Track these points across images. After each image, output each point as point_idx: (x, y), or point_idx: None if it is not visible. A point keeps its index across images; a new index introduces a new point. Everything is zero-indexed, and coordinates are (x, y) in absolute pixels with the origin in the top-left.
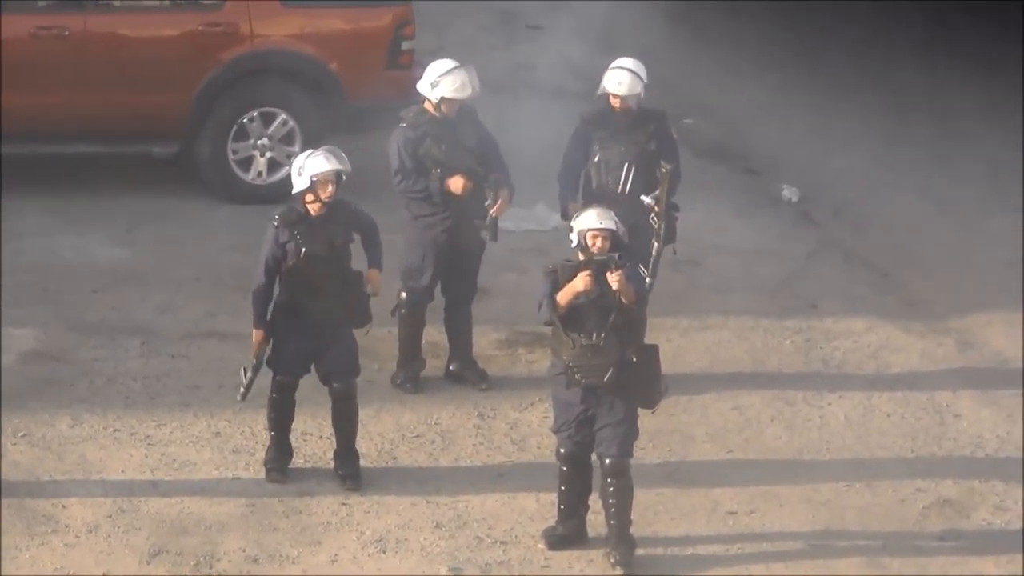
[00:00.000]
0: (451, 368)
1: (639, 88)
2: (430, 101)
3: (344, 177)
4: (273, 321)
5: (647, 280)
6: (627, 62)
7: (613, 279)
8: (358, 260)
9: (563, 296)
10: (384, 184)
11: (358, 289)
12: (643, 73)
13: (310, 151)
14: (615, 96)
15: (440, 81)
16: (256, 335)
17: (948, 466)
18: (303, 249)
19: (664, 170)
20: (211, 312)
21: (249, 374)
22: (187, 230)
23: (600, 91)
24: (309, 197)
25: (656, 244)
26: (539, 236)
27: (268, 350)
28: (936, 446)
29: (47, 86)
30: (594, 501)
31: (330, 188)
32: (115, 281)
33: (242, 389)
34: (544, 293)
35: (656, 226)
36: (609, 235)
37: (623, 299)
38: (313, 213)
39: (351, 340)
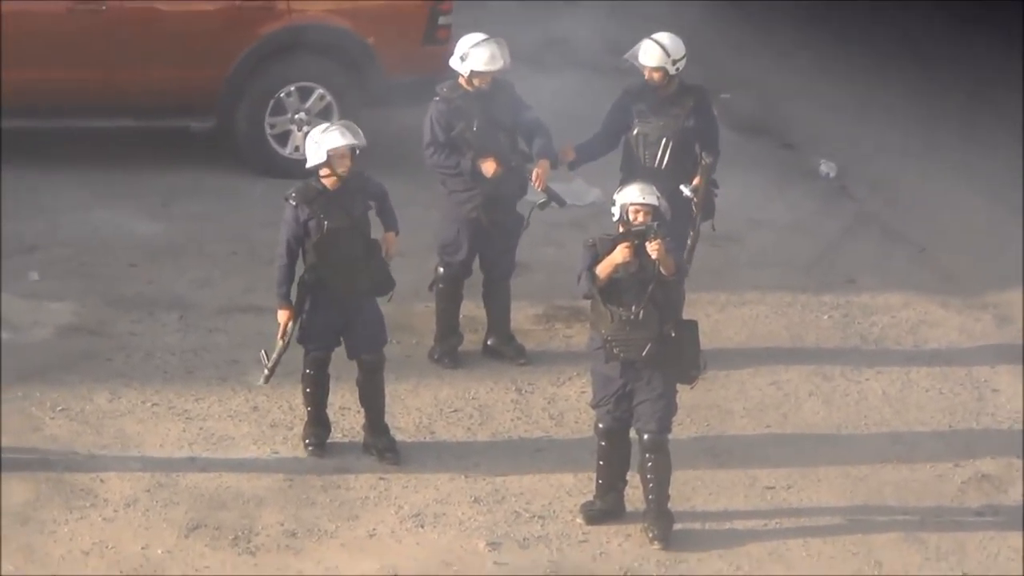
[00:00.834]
0: (489, 343)
1: (665, 62)
2: (463, 76)
3: (358, 151)
4: (299, 298)
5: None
6: (662, 36)
7: (652, 248)
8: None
9: (602, 269)
10: (421, 160)
11: (379, 258)
12: (676, 48)
13: (326, 125)
14: (643, 67)
15: (470, 54)
16: (283, 315)
17: (986, 441)
18: (326, 224)
19: (705, 162)
20: (248, 286)
21: (273, 355)
22: (224, 205)
23: (629, 55)
24: (326, 171)
25: (692, 234)
26: (577, 211)
27: (295, 329)
28: (974, 421)
29: (84, 61)
30: (632, 476)
31: (346, 162)
32: (152, 255)
33: (265, 371)
34: (583, 266)
35: (694, 214)
36: (651, 210)
37: (662, 270)
38: (330, 187)
39: (377, 311)
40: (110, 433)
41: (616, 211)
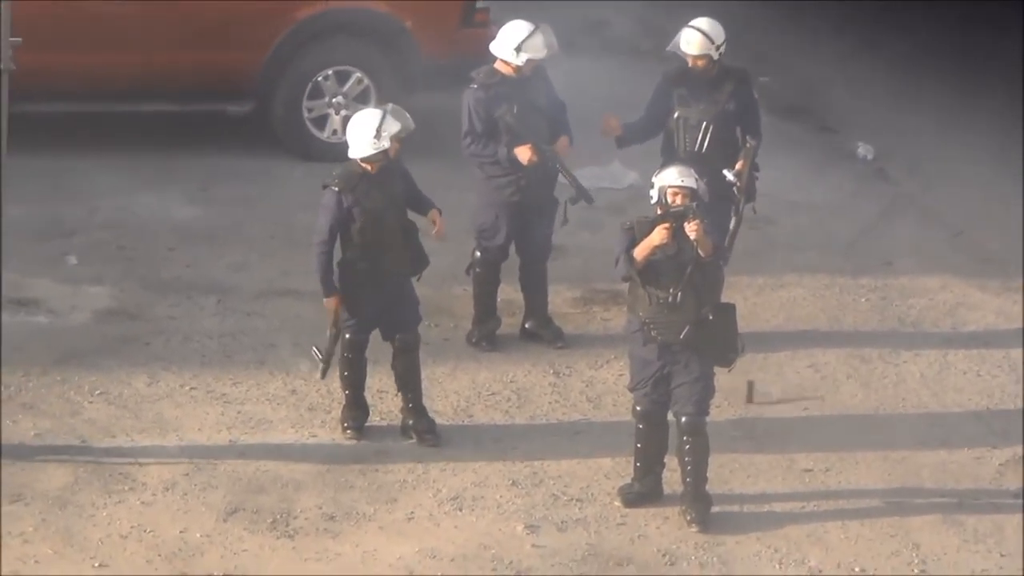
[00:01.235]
0: (527, 326)
1: (709, 48)
2: (505, 62)
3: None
4: (340, 283)
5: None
6: (701, 22)
7: (691, 228)
8: None
9: (640, 251)
10: (458, 143)
11: (416, 239)
12: (717, 33)
13: (376, 111)
14: (687, 55)
15: (525, 44)
16: (331, 303)
17: None
18: (370, 208)
19: (749, 145)
20: (285, 270)
21: (326, 346)
22: (262, 188)
23: (671, 47)
24: (379, 156)
25: (735, 218)
26: (614, 194)
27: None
28: (1012, 403)
29: (122, 45)
30: (670, 459)
31: (398, 146)
32: (190, 239)
33: (321, 365)
34: (621, 249)
35: (737, 198)
36: (689, 193)
37: (700, 252)
38: (372, 171)
39: (412, 292)
40: (148, 417)
41: (655, 194)
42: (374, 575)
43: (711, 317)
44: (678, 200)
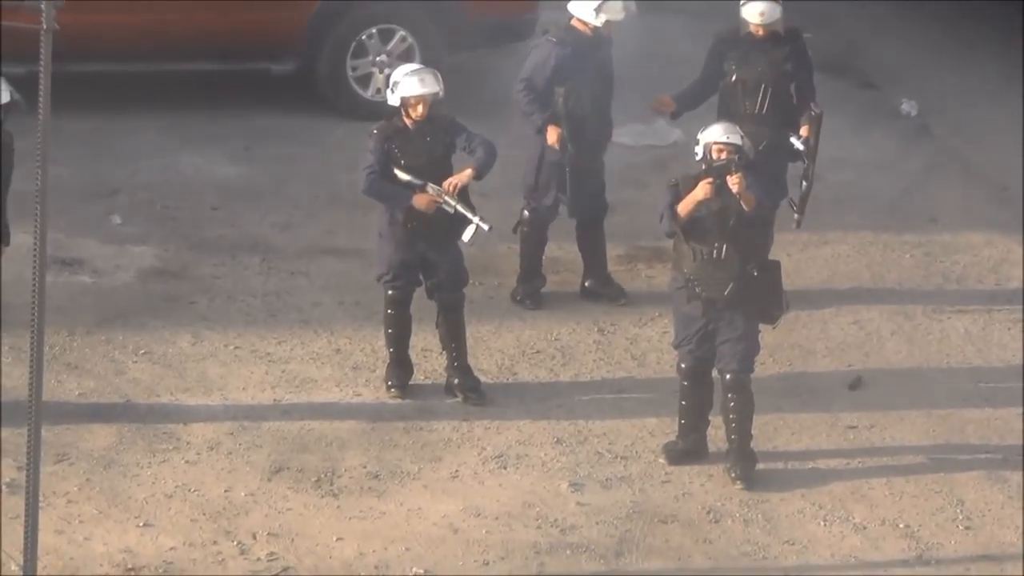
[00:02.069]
0: (587, 284)
1: (779, 13)
2: (583, 22)
3: (440, 96)
4: (379, 234)
5: (795, 217)
6: None
7: (733, 181)
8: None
9: (684, 206)
10: (503, 101)
11: (462, 199)
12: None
13: (410, 68)
14: (757, 25)
15: (604, 6)
16: (419, 199)
17: None
18: (403, 162)
19: (815, 112)
20: (330, 229)
21: (459, 209)
22: (305, 147)
23: (742, 23)
24: (404, 113)
25: (805, 184)
26: (658, 151)
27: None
28: None
29: (165, 4)
30: (715, 416)
31: (420, 109)
32: (233, 199)
33: (477, 222)
34: (665, 204)
35: (805, 165)
36: (734, 150)
37: (744, 205)
38: (410, 127)
39: (457, 251)
40: (193, 376)
41: (699, 150)
42: (418, 533)
43: (756, 273)
44: (723, 157)
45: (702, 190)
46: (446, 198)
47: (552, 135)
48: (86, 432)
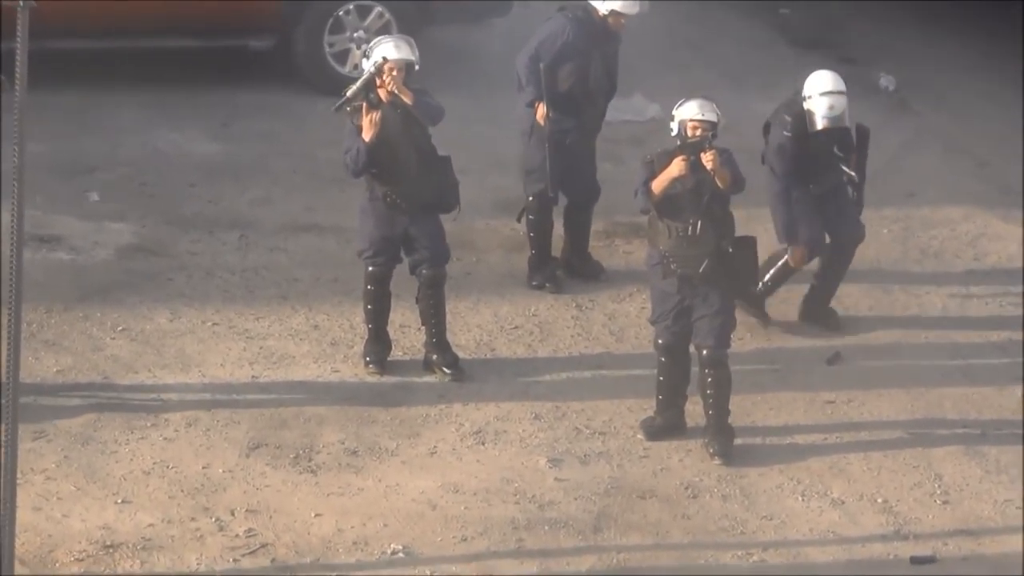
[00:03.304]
0: (571, 263)
1: (845, 103)
2: (596, 9)
3: (416, 67)
4: (361, 210)
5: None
6: (831, 82)
7: (707, 158)
8: (450, 147)
9: (658, 183)
10: (482, 77)
11: (445, 174)
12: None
13: (383, 36)
14: (827, 119)
15: None
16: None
17: None
18: (383, 136)
19: (863, 129)
20: (308, 205)
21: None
22: (283, 124)
23: (811, 120)
24: (379, 83)
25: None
26: (636, 126)
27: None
28: None
29: None
30: (693, 392)
31: (395, 75)
32: (212, 175)
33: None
34: (640, 181)
35: (854, 191)
36: (710, 127)
37: (718, 182)
38: (384, 100)
39: (438, 227)
40: (171, 353)
41: (675, 127)
42: (397, 509)
43: (731, 250)
44: (698, 134)
45: (676, 167)
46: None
47: (540, 111)
48: (64, 409)
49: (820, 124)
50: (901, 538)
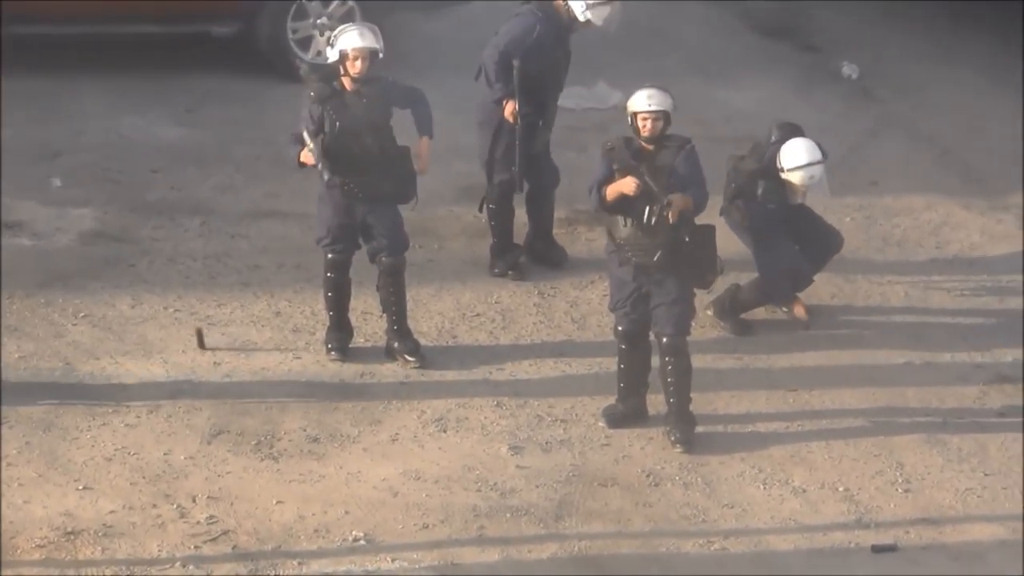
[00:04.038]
0: (534, 247)
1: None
2: (567, 7)
3: (380, 55)
4: (319, 197)
5: None
6: (806, 154)
7: (672, 215)
8: (412, 135)
9: (610, 193)
10: (444, 66)
11: (403, 164)
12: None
13: (347, 25)
14: (807, 190)
15: (595, 9)
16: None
17: (1008, 342)
18: (337, 124)
19: None
20: (271, 192)
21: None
22: (246, 110)
23: (791, 191)
24: (341, 71)
25: None
26: (599, 114)
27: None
28: (996, 323)
29: None
30: (654, 379)
31: (359, 64)
32: (175, 161)
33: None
34: (594, 180)
35: None
36: (660, 116)
37: (672, 217)
38: (347, 88)
39: (397, 214)
40: (132, 339)
41: (629, 118)
42: (358, 496)
43: (687, 239)
44: (648, 126)
45: (628, 187)
46: (309, 145)
47: (509, 108)
48: (25, 395)
49: (800, 198)
50: (862, 526)
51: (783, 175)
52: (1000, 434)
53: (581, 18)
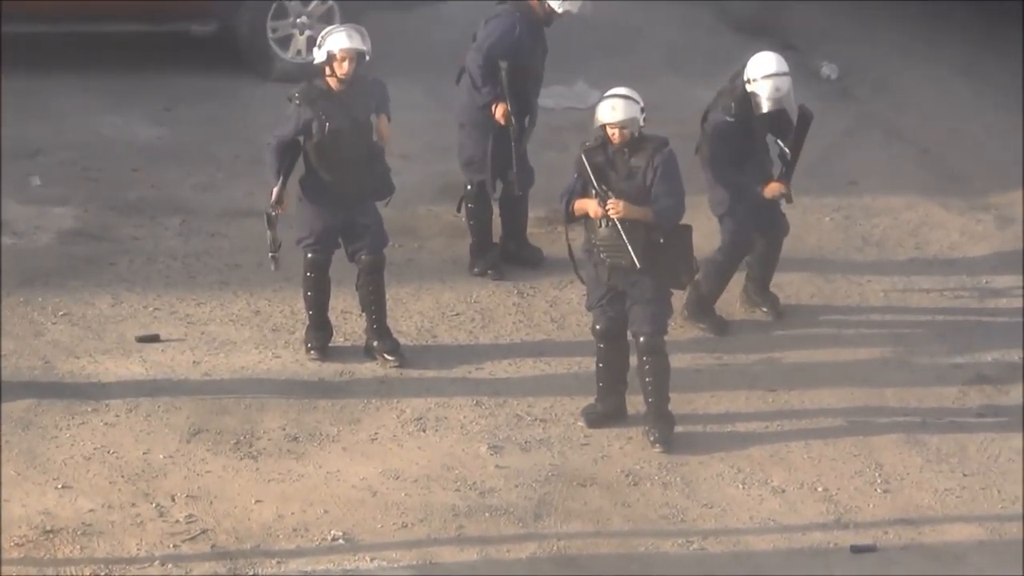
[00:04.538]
0: (508, 248)
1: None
2: (540, 2)
3: (367, 57)
4: (300, 198)
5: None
6: (774, 63)
7: (612, 210)
8: (392, 133)
9: (578, 209)
10: (425, 64)
11: (381, 162)
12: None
13: (334, 26)
14: (772, 101)
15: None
16: (274, 191)
17: (987, 342)
18: (327, 125)
19: (806, 113)
20: (250, 191)
21: (270, 233)
22: (226, 108)
23: (755, 103)
24: (328, 72)
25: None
26: (578, 114)
27: (279, 210)
28: (975, 323)
29: None
30: (633, 378)
31: (346, 66)
32: (154, 160)
33: (270, 255)
34: (567, 188)
35: (786, 167)
36: (628, 123)
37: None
38: (333, 88)
39: (377, 213)
40: (112, 338)
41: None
42: (337, 495)
43: (662, 240)
44: (616, 135)
45: (592, 210)
46: (270, 217)
47: (499, 111)
48: (4, 394)
49: (765, 107)
50: (841, 527)
51: (749, 87)
52: (979, 434)
53: (559, 10)
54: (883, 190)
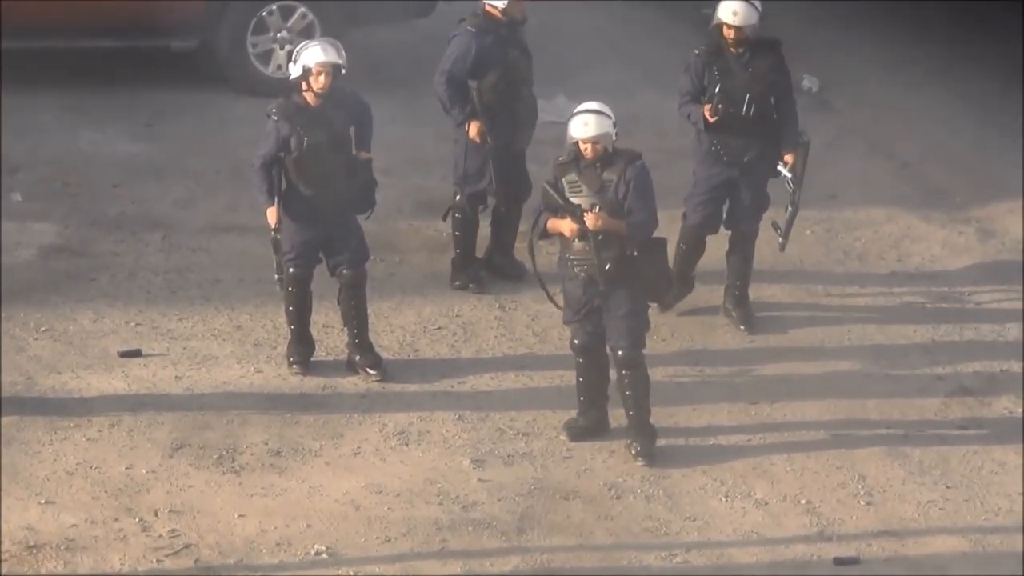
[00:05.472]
0: (493, 261)
1: (755, 18)
2: (492, 6)
3: (343, 71)
4: (283, 211)
5: (780, 240)
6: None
7: (589, 222)
8: (372, 148)
9: (551, 228)
10: (403, 78)
11: (363, 175)
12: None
13: (310, 41)
14: (730, 27)
15: None
16: (271, 213)
17: (969, 355)
18: (305, 140)
19: (804, 140)
20: (231, 206)
21: (275, 257)
22: (206, 124)
23: (714, 22)
24: (305, 87)
25: (791, 209)
26: (559, 127)
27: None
28: (957, 335)
29: None
30: (614, 392)
31: (323, 80)
32: (135, 175)
33: (276, 277)
34: (538, 211)
35: (791, 195)
36: (600, 138)
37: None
38: (311, 103)
39: (358, 227)
40: (94, 353)
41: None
42: (320, 510)
43: (635, 254)
44: (588, 150)
45: (566, 229)
46: (276, 241)
47: (473, 129)
48: None
49: (728, 21)
50: (824, 539)
51: (714, 21)
52: (962, 446)
53: (501, 4)
54: (864, 203)
